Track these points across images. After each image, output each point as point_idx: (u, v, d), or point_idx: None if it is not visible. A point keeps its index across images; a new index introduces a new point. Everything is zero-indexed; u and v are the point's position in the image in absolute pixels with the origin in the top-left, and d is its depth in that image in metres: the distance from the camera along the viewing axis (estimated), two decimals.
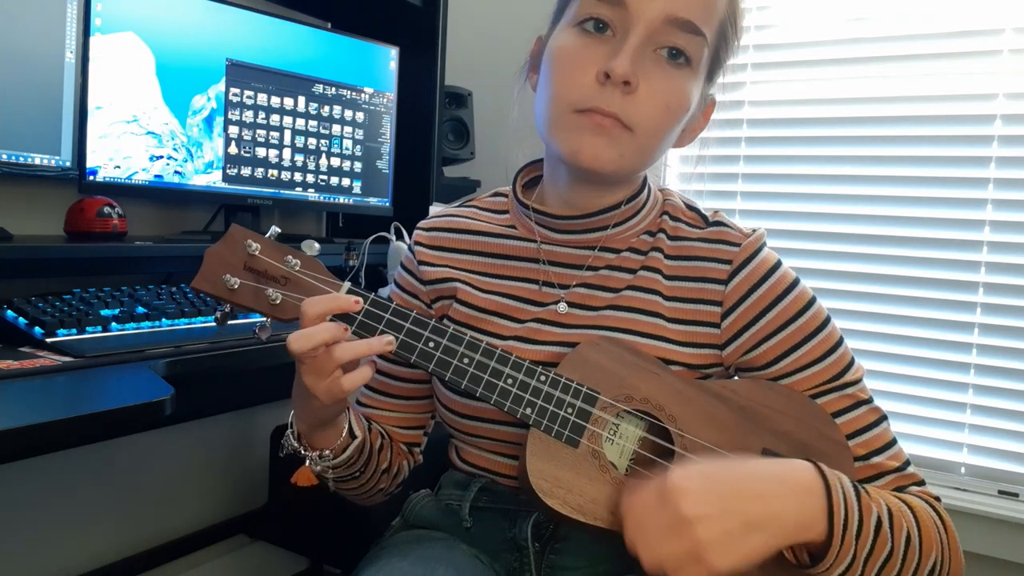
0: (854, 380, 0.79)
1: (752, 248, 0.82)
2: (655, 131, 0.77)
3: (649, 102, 0.75)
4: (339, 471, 0.82)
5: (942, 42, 1.58)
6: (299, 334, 0.69)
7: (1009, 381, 1.53)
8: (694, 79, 0.77)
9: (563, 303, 0.84)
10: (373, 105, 1.72)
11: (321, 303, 0.72)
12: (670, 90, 0.76)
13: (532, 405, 0.75)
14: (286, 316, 0.75)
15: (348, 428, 0.80)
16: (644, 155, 0.79)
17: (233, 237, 0.76)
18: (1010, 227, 1.53)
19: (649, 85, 0.75)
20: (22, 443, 0.72)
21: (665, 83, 0.75)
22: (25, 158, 1.26)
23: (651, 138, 0.78)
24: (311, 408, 0.75)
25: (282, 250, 0.76)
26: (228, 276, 0.75)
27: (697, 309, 0.82)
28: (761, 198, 1.78)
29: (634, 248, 0.85)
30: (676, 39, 0.75)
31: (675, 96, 0.76)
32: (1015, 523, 1.47)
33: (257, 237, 0.76)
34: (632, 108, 0.75)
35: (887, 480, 0.77)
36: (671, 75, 0.76)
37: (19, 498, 1.46)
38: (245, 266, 0.76)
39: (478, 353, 0.76)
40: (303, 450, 0.80)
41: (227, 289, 0.75)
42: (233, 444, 1.86)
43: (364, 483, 0.86)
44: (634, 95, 0.74)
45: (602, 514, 0.73)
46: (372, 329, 0.75)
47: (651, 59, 0.75)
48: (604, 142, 0.76)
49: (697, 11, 0.75)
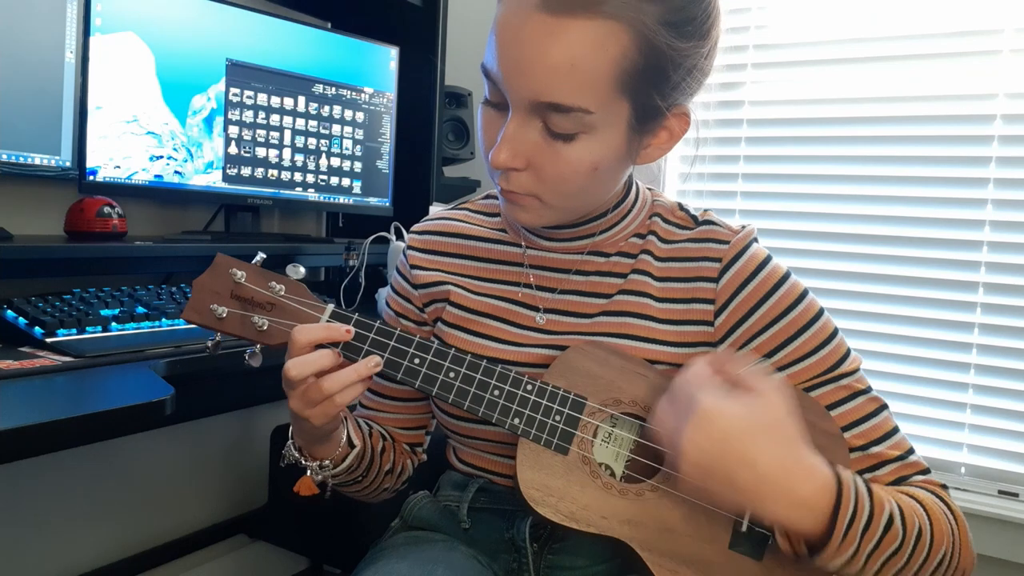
0: (850, 371, 0.79)
1: (741, 244, 0.82)
2: (563, 197, 0.76)
3: (542, 176, 0.73)
4: (340, 478, 0.82)
5: (942, 42, 1.58)
6: (296, 361, 0.71)
7: (1009, 381, 1.53)
8: (595, 140, 0.72)
9: (540, 316, 0.85)
10: (373, 105, 1.73)
11: (312, 332, 0.73)
12: (561, 164, 0.72)
13: (520, 415, 0.76)
14: (273, 342, 0.76)
15: (347, 438, 0.80)
16: (575, 207, 0.80)
17: (219, 266, 0.77)
18: (1010, 227, 1.53)
19: (539, 160, 0.73)
20: (22, 443, 0.72)
21: (554, 157, 0.72)
22: (25, 158, 1.26)
23: (563, 201, 0.77)
24: (306, 427, 0.76)
25: (267, 276, 0.77)
26: (215, 306, 0.76)
27: (690, 308, 0.82)
28: (761, 198, 1.78)
29: (623, 252, 0.85)
30: (549, 119, 0.70)
31: (568, 167, 0.73)
32: (1015, 523, 1.47)
33: (242, 265, 0.77)
34: (527, 183, 0.74)
35: (888, 469, 0.77)
36: (559, 150, 0.72)
37: (19, 498, 1.46)
38: (232, 294, 0.77)
39: (463, 367, 0.77)
40: (303, 460, 0.80)
41: (215, 319, 0.76)
42: (233, 444, 1.86)
43: (367, 486, 0.87)
44: (528, 171, 0.74)
45: (595, 520, 0.73)
46: (357, 350, 0.76)
47: (538, 130, 0.72)
48: (522, 211, 0.78)
49: (566, 90, 0.68)
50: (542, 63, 0.68)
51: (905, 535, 0.69)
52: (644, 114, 0.73)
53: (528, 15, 0.68)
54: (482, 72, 0.74)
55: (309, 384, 0.71)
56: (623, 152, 0.75)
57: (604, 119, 0.71)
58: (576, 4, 0.66)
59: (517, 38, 0.69)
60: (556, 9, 0.66)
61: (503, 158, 0.72)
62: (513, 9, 0.69)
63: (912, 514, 0.71)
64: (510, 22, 0.69)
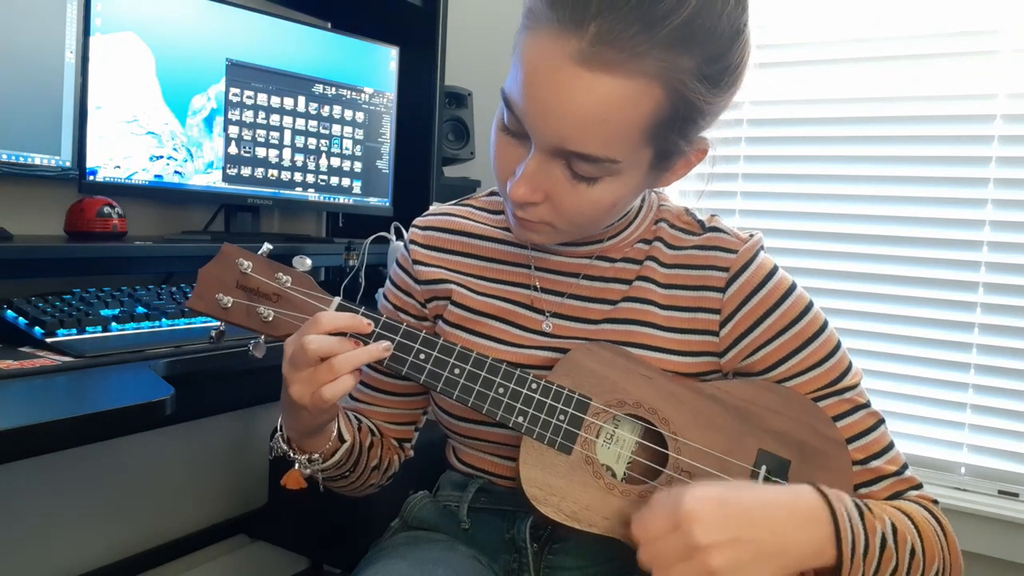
0: (852, 384, 0.79)
1: (749, 254, 0.82)
2: (577, 227, 0.76)
3: (560, 210, 0.72)
4: (328, 472, 0.82)
5: (942, 42, 1.58)
6: (316, 338, 0.70)
7: (1009, 381, 1.53)
8: (617, 182, 0.71)
9: (547, 321, 0.84)
10: (373, 105, 1.72)
11: (339, 318, 0.73)
12: (582, 202, 0.71)
13: (524, 414, 0.75)
14: (279, 333, 0.76)
15: (337, 432, 0.80)
16: (582, 235, 0.80)
17: (225, 255, 0.77)
18: (1010, 227, 1.53)
19: (558, 197, 0.71)
20: (22, 443, 0.72)
21: (575, 196, 0.71)
22: (25, 158, 1.26)
23: (578, 229, 0.77)
24: (299, 419, 0.75)
25: (273, 267, 0.77)
26: (221, 295, 0.76)
27: (695, 317, 0.82)
28: (761, 198, 1.78)
29: (629, 258, 0.85)
30: (573, 163, 0.69)
31: (589, 205, 0.72)
32: (1015, 523, 1.47)
33: (249, 255, 0.77)
34: (544, 214, 0.73)
35: (885, 484, 0.78)
36: (580, 190, 0.70)
37: (19, 498, 1.46)
38: (238, 284, 0.76)
39: (468, 363, 0.76)
40: (292, 454, 0.80)
41: (220, 308, 0.76)
42: (233, 444, 1.86)
43: (353, 481, 0.87)
44: (544, 204, 0.72)
45: (597, 520, 0.73)
46: (363, 342, 0.75)
47: (560, 168, 0.70)
48: (531, 233, 0.77)
49: (595, 143, 0.67)
50: (572, 115, 0.65)
51: (898, 554, 0.69)
52: (666, 155, 0.73)
53: (561, 64, 0.64)
54: (502, 97, 0.71)
55: (319, 366, 0.70)
56: (641, 187, 0.76)
57: (628, 165, 0.70)
58: (613, 61, 0.63)
59: (547, 85, 0.66)
60: (592, 64, 0.64)
61: (522, 193, 0.71)
62: (544, 52, 0.66)
63: (904, 532, 0.71)
64: (540, 65, 0.66)
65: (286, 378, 0.72)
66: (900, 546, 0.70)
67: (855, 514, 0.68)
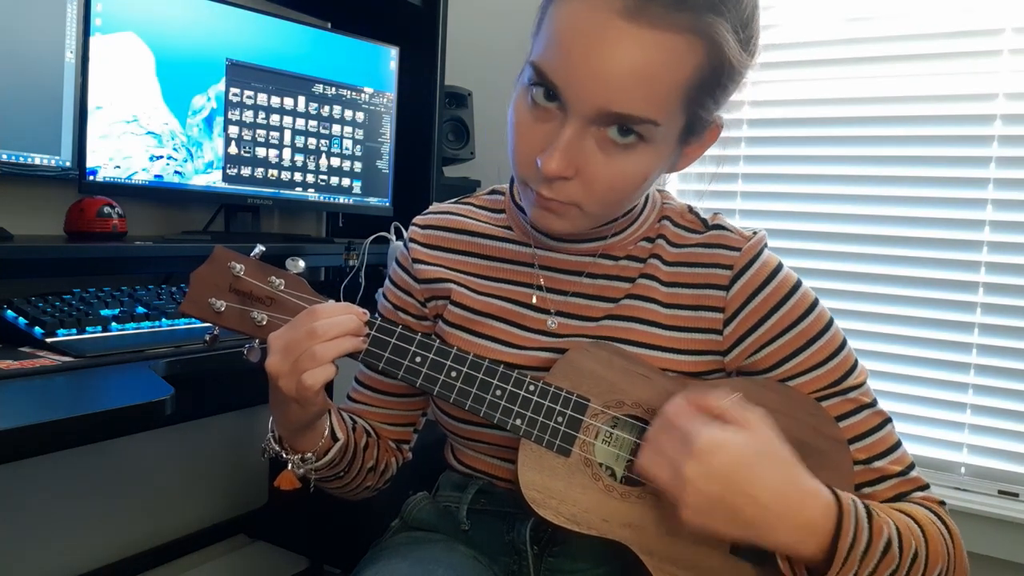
0: (857, 384, 0.79)
1: (753, 252, 0.81)
2: (605, 206, 0.74)
3: (592, 186, 0.71)
4: (322, 472, 0.81)
5: (942, 42, 1.58)
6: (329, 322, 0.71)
7: (1009, 381, 1.52)
8: (650, 150, 0.70)
9: (552, 319, 0.84)
10: (373, 105, 1.72)
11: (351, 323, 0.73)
12: (615, 174, 0.70)
13: (522, 416, 0.75)
14: None
15: (330, 430, 0.79)
16: (605, 217, 0.79)
17: (217, 259, 0.76)
18: (1010, 227, 1.53)
19: (591, 169, 0.70)
20: (22, 443, 0.72)
21: (608, 168, 0.70)
22: (25, 158, 1.26)
23: (604, 209, 0.75)
24: (288, 413, 0.75)
25: (266, 270, 0.76)
26: (214, 299, 0.75)
27: (698, 316, 0.81)
28: (761, 198, 1.77)
29: (632, 255, 0.84)
30: (611, 129, 0.68)
31: (621, 177, 0.71)
32: (1015, 523, 1.47)
33: (241, 258, 0.76)
34: (574, 191, 0.71)
35: (889, 484, 0.77)
36: (615, 160, 0.70)
37: (19, 498, 1.46)
38: (231, 288, 0.76)
39: (465, 366, 0.76)
40: (284, 454, 0.80)
41: (213, 312, 0.75)
42: (233, 444, 1.86)
43: (348, 482, 0.86)
44: (575, 180, 0.71)
45: (596, 523, 0.73)
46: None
47: (595, 138, 0.69)
48: (554, 218, 0.75)
49: (639, 102, 0.66)
50: (619, 73, 0.65)
51: (901, 558, 0.68)
52: (693, 126, 0.73)
53: (607, 20, 0.64)
54: (533, 71, 0.69)
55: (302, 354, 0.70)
56: (669, 162, 0.75)
57: (664, 132, 0.69)
58: (661, 16, 0.64)
59: (595, 44, 0.65)
60: (640, 19, 0.64)
61: (555, 166, 0.68)
62: (588, 13, 0.65)
63: (909, 536, 0.70)
64: (582, 27, 0.65)
65: (272, 373, 0.71)
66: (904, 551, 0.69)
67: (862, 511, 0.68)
